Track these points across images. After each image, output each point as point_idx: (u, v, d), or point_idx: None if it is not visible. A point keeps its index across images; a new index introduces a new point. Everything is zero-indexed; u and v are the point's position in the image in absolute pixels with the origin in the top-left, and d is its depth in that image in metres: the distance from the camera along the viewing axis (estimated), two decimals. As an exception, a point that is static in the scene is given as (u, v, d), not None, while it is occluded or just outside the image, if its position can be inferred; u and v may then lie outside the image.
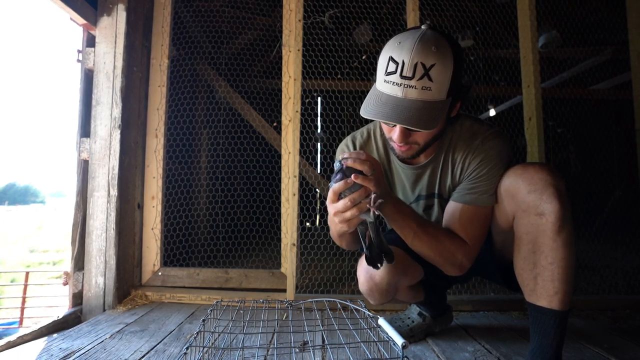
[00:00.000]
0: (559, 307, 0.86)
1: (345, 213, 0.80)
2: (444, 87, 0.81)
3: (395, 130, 0.87)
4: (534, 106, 1.77)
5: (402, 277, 1.02)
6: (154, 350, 1.16)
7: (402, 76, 0.79)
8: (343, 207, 0.79)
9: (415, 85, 0.79)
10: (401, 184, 1.11)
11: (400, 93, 0.80)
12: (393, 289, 1.02)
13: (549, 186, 0.84)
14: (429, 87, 0.79)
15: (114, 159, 1.66)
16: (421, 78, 0.78)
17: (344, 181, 0.79)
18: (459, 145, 0.99)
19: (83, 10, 1.62)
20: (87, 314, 1.59)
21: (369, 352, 0.88)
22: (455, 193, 0.99)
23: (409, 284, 1.08)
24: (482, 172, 0.95)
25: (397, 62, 0.80)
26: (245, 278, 1.82)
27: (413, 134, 0.89)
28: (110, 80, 1.69)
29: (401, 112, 0.79)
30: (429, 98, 0.80)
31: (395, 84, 0.80)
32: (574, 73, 3.06)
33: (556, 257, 0.85)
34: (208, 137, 2.74)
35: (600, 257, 2.25)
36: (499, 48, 2.81)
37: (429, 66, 0.78)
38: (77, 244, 1.64)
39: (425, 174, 1.04)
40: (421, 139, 0.91)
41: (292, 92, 1.82)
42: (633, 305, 1.63)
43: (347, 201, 0.78)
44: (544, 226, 0.85)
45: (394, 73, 0.80)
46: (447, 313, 1.33)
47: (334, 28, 2.57)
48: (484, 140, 0.96)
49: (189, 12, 2.25)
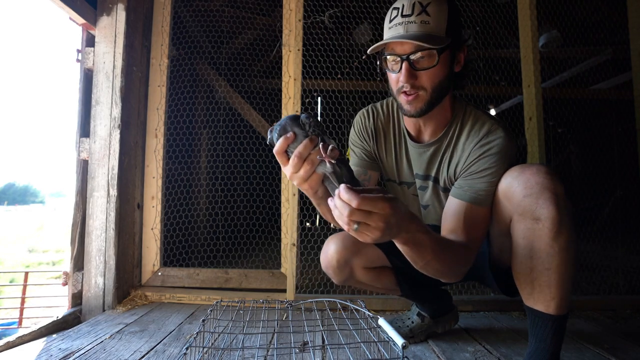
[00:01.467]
0: (555, 312, 0.85)
1: (299, 172, 0.72)
2: (442, 23, 0.87)
3: (402, 71, 0.88)
4: (534, 106, 1.77)
5: (355, 256, 1.05)
6: (154, 351, 1.16)
7: (403, 15, 0.87)
8: (294, 167, 0.71)
9: (414, 20, 0.86)
10: (406, 161, 1.09)
11: (402, 30, 0.87)
12: (346, 267, 1.05)
13: (545, 190, 0.82)
14: (428, 21, 0.86)
15: (113, 158, 1.66)
16: (419, 14, 0.86)
17: (283, 137, 0.71)
18: (464, 132, 0.98)
19: (82, 10, 1.62)
20: (87, 314, 1.58)
21: (369, 352, 0.88)
22: (457, 188, 0.95)
23: (364, 265, 1.11)
24: (485, 167, 0.92)
25: (397, 7, 0.89)
26: (245, 278, 1.82)
27: (419, 76, 0.89)
28: (110, 80, 1.69)
29: (405, 35, 0.86)
30: (429, 31, 0.86)
31: (398, 25, 0.87)
32: (574, 73, 3.06)
33: (553, 263, 0.83)
34: (208, 137, 2.74)
35: (601, 257, 2.25)
36: (500, 48, 2.81)
37: (426, 4, 0.86)
38: (77, 244, 1.64)
39: (427, 153, 1.02)
40: (427, 83, 0.89)
41: (292, 92, 1.81)
42: (634, 305, 1.62)
43: (294, 158, 0.70)
44: (540, 231, 0.83)
45: (396, 17, 0.88)
46: (450, 314, 1.31)
47: (334, 28, 2.57)
48: (489, 133, 0.94)
49: (188, 12, 2.25)
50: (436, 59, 0.87)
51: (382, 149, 1.10)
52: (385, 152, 1.10)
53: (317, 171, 0.72)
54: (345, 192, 0.62)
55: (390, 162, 1.11)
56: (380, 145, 1.10)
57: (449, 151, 1.00)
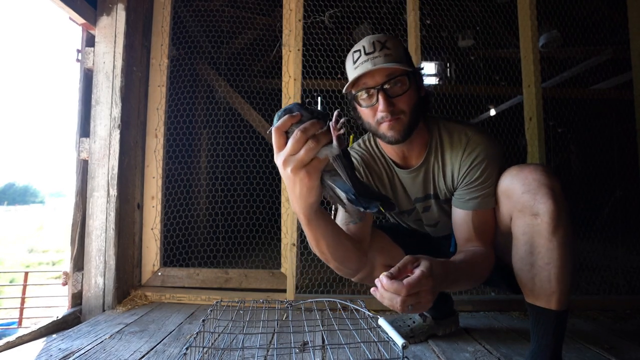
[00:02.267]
0: (556, 307, 0.87)
1: (300, 153, 0.61)
2: (401, 55, 0.93)
3: (380, 101, 0.91)
4: (534, 106, 1.77)
5: (379, 254, 1.05)
6: (154, 351, 1.16)
7: (366, 53, 0.92)
8: (293, 145, 0.61)
9: (379, 55, 0.91)
10: (402, 190, 1.12)
11: (370, 65, 0.90)
12: (368, 264, 1.05)
13: (542, 186, 0.85)
14: (390, 54, 0.91)
15: (113, 159, 1.66)
16: (382, 49, 0.91)
17: (288, 115, 0.62)
18: (446, 145, 1.02)
19: (82, 10, 1.62)
20: (87, 314, 1.58)
21: (369, 352, 0.88)
22: (458, 200, 1.00)
23: (385, 262, 1.11)
24: (477, 175, 0.96)
25: (358, 50, 0.94)
26: (245, 278, 1.82)
27: (397, 102, 0.92)
28: (110, 80, 1.69)
29: (375, 67, 0.90)
30: (394, 60, 0.91)
31: (365, 62, 0.91)
32: (574, 73, 3.06)
33: (552, 257, 0.85)
34: (208, 137, 2.74)
35: (601, 257, 2.25)
36: (500, 48, 2.81)
37: (384, 41, 0.92)
38: (77, 244, 1.64)
39: (419, 176, 1.06)
40: (405, 106, 0.93)
41: (292, 92, 1.81)
42: (634, 305, 1.62)
43: (297, 133, 0.60)
44: (539, 226, 0.86)
45: (360, 57, 0.92)
46: (452, 317, 1.32)
47: (334, 28, 2.57)
48: (469, 142, 0.98)
49: (188, 12, 2.25)
50: (407, 83, 0.92)
51: (377, 183, 1.12)
52: (380, 186, 1.12)
53: (319, 155, 0.63)
54: (390, 284, 0.66)
55: (388, 194, 1.13)
56: (374, 180, 1.12)
57: (438, 166, 1.04)
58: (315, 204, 0.73)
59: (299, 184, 0.66)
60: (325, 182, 0.68)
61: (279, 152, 0.64)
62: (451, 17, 2.81)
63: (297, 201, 0.71)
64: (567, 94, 2.77)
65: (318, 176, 0.66)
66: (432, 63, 4.86)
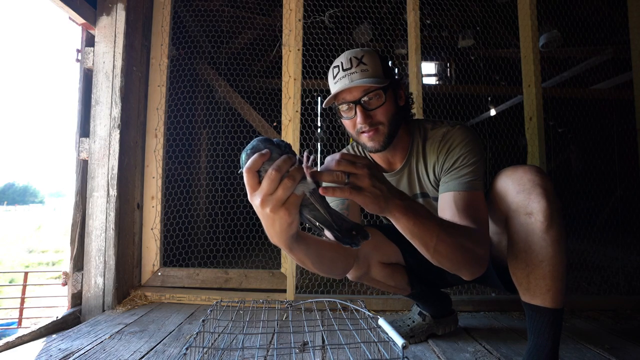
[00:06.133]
0: (552, 305, 0.89)
1: (277, 192, 0.61)
2: (378, 69, 0.97)
3: (358, 114, 0.96)
4: (534, 106, 1.77)
5: (374, 251, 1.08)
6: (154, 351, 1.16)
7: (344, 69, 0.97)
8: (269, 185, 0.61)
9: (355, 71, 0.96)
10: None
11: (347, 81, 0.96)
12: (365, 262, 1.08)
13: (536, 186, 0.87)
14: (367, 69, 0.96)
15: (113, 158, 1.66)
16: (358, 65, 0.96)
17: (258, 153, 0.61)
18: (427, 143, 1.05)
19: (82, 10, 1.62)
20: (87, 314, 1.58)
21: (369, 352, 0.88)
22: (442, 186, 1.00)
23: (381, 259, 1.14)
24: (455, 158, 0.97)
25: (337, 66, 0.99)
26: (245, 278, 1.81)
27: (374, 114, 0.97)
28: (110, 79, 1.69)
29: (351, 84, 0.95)
30: (370, 76, 0.96)
31: (343, 78, 0.97)
32: (574, 72, 3.06)
33: (546, 255, 0.87)
34: (208, 137, 2.74)
35: (601, 257, 2.25)
36: (500, 47, 2.81)
37: (360, 56, 0.97)
38: (77, 244, 1.64)
39: (403, 177, 1.10)
40: (383, 117, 0.97)
41: (292, 92, 1.81)
42: (634, 305, 1.62)
43: (272, 172, 0.60)
44: (532, 225, 0.87)
45: (338, 73, 0.98)
46: (450, 317, 1.33)
47: (334, 28, 2.57)
48: (447, 132, 1.01)
49: (188, 12, 2.25)
50: (383, 97, 0.97)
51: None
52: None
53: (295, 192, 0.63)
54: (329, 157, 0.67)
55: None
56: None
57: (421, 163, 1.06)
58: (295, 234, 0.74)
59: (278, 221, 0.67)
60: (304, 216, 0.69)
61: (254, 192, 0.63)
62: (451, 17, 2.81)
63: (278, 236, 0.72)
64: (567, 93, 2.77)
65: (297, 211, 0.66)
66: (432, 63, 4.87)
